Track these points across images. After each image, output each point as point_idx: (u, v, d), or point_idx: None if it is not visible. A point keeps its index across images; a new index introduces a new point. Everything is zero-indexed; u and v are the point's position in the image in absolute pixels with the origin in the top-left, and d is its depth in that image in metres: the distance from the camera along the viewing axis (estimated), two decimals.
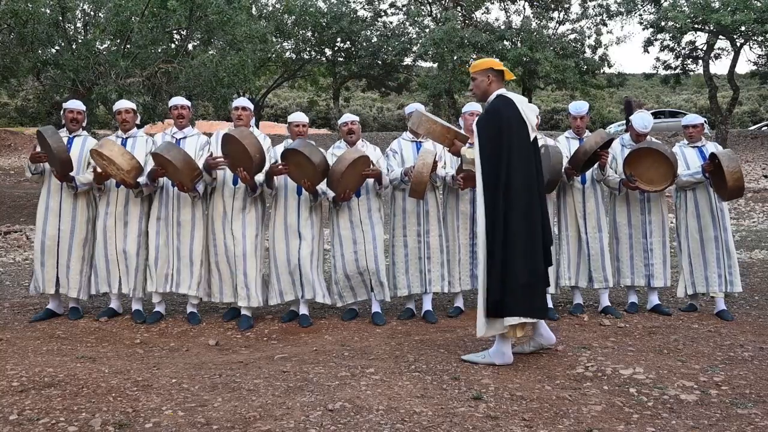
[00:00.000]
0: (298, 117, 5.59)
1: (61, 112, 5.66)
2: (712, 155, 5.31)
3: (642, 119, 5.60)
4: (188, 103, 5.66)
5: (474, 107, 5.61)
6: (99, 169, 5.23)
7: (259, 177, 5.25)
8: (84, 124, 5.67)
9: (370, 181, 5.43)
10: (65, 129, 5.59)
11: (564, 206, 5.71)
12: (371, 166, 5.27)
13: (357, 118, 5.72)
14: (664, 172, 5.28)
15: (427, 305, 5.60)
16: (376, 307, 5.59)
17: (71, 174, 5.30)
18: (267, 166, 5.21)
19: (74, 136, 5.53)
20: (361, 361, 4.28)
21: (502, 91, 4.32)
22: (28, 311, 5.80)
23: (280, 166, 5.14)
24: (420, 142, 5.67)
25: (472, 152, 4.32)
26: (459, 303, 5.78)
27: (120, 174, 5.09)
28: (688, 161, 5.63)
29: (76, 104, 5.67)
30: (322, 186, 5.29)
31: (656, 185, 5.36)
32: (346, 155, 5.07)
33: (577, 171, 5.46)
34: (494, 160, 4.15)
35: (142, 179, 5.26)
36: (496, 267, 4.11)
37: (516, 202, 4.12)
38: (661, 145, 5.32)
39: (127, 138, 5.54)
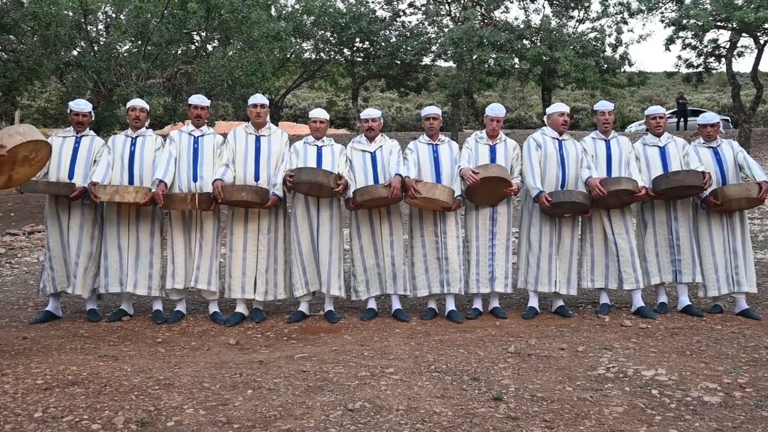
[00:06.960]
0: (318, 113, 5.67)
1: (68, 111, 5.63)
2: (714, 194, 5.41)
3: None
4: (207, 103, 5.67)
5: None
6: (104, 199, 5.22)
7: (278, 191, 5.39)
8: (90, 126, 5.65)
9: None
10: (72, 129, 5.60)
11: None
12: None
13: (378, 114, 5.68)
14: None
15: (450, 305, 5.59)
16: (396, 305, 5.60)
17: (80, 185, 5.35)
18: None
19: (82, 136, 5.57)
20: (381, 361, 4.28)
21: None
22: None
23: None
24: (437, 144, 5.65)
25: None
26: (477, 304, 5.74)
27: (130, 197, 5.17)
28: (702, 162, 5.57)
29: (81, 106, 5.60)
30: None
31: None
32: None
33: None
34: None
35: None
36: None
37: None
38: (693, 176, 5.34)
39: (136, 137, 5.55)
